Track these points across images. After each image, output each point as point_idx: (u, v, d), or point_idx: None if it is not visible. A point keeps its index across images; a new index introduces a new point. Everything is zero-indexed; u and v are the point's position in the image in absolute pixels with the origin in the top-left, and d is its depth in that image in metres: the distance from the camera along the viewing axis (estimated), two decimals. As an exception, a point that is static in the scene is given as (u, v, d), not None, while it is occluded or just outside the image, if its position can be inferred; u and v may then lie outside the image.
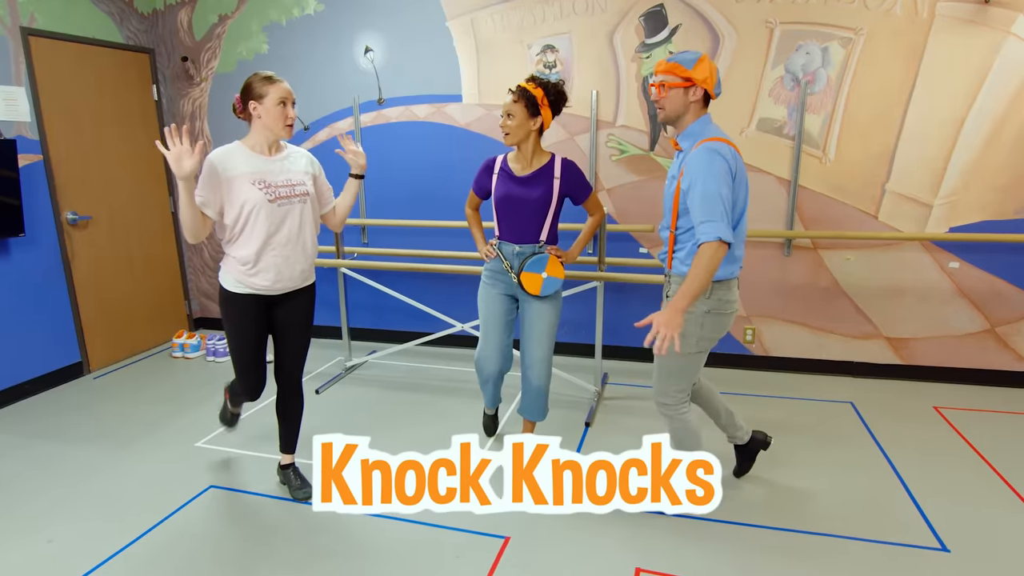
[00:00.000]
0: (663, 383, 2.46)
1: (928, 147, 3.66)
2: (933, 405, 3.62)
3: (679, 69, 2.21)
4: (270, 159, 2.50)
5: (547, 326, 2.80)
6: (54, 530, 2.60)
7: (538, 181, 2.70)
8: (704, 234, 2.11)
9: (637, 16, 3.90)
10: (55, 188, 4.07)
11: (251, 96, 2.43)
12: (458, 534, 2.53)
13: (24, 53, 3.86)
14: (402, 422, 3.53)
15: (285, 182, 2.50)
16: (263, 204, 2.43)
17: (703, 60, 2.21)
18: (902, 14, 3.55)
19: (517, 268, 2.74)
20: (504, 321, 2.87)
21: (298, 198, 2.53)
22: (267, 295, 2.56)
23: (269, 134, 2.48)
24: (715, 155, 2.14)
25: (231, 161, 2.42)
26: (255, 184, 2.42)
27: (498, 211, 2.78)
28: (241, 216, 2.42)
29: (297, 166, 2.58)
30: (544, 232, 2.74)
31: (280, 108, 2.45)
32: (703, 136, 2.23)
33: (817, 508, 2.66)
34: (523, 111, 2.62)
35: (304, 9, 4.43)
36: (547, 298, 2.79)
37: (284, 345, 2.70)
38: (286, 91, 2.47)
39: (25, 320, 3.93)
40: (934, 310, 3.85)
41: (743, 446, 2.80)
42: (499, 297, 2.86)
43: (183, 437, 3.38)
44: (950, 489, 2.79)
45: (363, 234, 4.69)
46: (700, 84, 2.21)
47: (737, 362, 4.23)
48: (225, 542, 2.51)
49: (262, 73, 2.47)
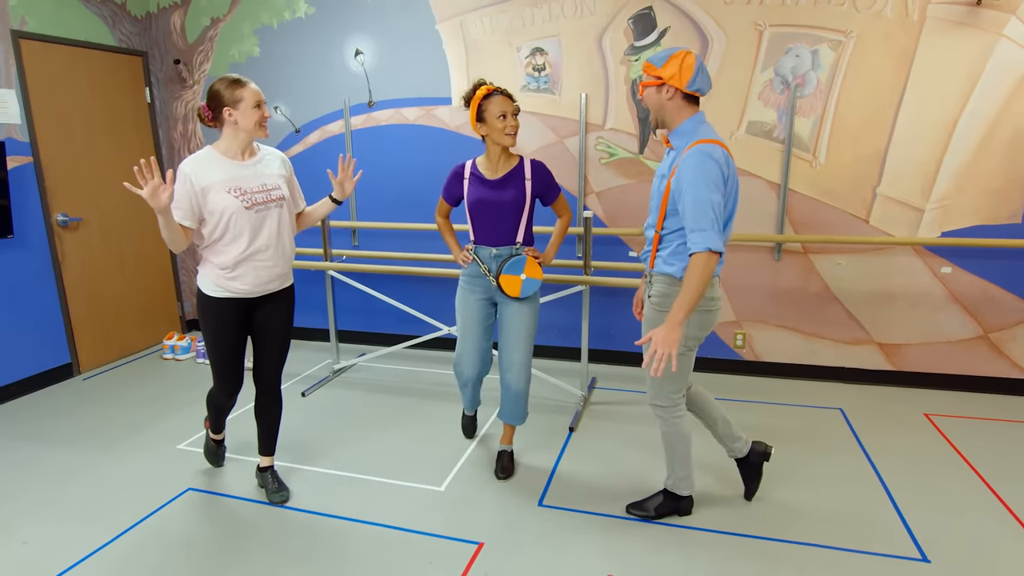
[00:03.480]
0: (657, 387, 2.43)
1: (920, 150, 3.62)
2: (924, 412, 3.57)
3: (650, 68, 2.21)
4: (243, 164, 2.48)
5: (526, 329, 2.79)
6: (30, 532, 2.60)
7: (510, 184, 2.68)
8: (695, 244, 2.09)
9: (626, 19, 3.87)
10: (45, 190, 4.08)
11: (223, 103, 2.39)
12: (431, 539, 2.51)
13: (15, 56, 3.88)
14: (387, 425, 3.51)
15: (260, 187, 2.48)
16: (240, 212, 2.41)
17: (674, 57, 2.17)
18: (892, 16, 3.51)
19: (495, 271, 2.72)
20: (482, 326, 2.86)
21: (275, 203, 2.51)
22: (246, 298, 2.55)
23: (245, 136, 2.46)
24: (708, 159, 2.10)
25: (204, 170, 2.40)
26: (230, 192, 2.40)
27: (472, 216, 2.76)
28: (219, 225, 2.41)
29: (271, 169, 2.55)
30: (520, 233, 2.73)
31: (256, 110, 2.43)
32: (696, 136, 2.19)
33: (798, 517, 2.62)
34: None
35: (295, 12, 4.44)
36: (525, 301, 2.77)
37: (263, 349, 2.68)
38: (258, 92, 2.45)
39: (14, 321, 3.95)
40: (926, 315, 3.80)
41: (744, 459, 2.71)
42: (477, 302, 2.84)
43: (166, 439, 3.37)
44: (935, 498, 2.74)
45: (353, 237, 4.69)
46: (668, 81, 2.18)
47: (727, 367, 4.19)
48: (198, 545, 2.50)
49: (228, 77, 2.41)
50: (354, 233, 4.69)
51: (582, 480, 2.93)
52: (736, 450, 2.68)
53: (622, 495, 2.78)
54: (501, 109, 2.60)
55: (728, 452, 2.70)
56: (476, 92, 2.65)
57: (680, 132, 2.24)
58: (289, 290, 2.69)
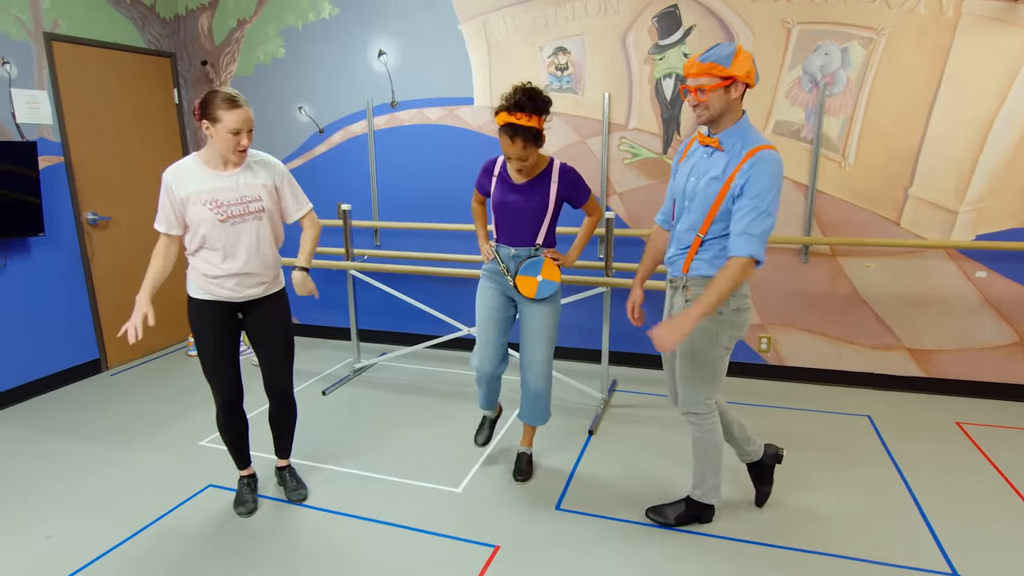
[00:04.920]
0: (695, 393, 2.37)
1: (954, 150, 3.51)
2: (955, 420, 3.46)
3: (716, 68, 2.02)
4: (224, 175, 2.39)
5: (545, 329, 2.75)
6: (54, 526, 2.64)
7: (535, 189, 2.63)
8: (741, 248, 2.04)
9: (650, 17, 3.82)
10: (76, 189, 4.16)
11: (207, 115, 2.29)
12: (447, 541, 2.50)
13: (47, 58, 3.96)
14: (406, 425, 3.51)
15: (239, 199, 2.39)
16: (214, 224, 2.36)
17: (740, 52, 2.03)
18: (926, 13, 3.41)
19: (512, 271, 2.70)
20: (500, 318, 2.82)
21: (252, 215, 2.41)
22: (232, 302, 2.51)
23: (223, 155, 2.38)
24: (780, 172, 2.06)
25: (184, 180, 2.36)
26: (205, 204, 2.35)
27: (496, 216, 2.74)
28: (197, 235, 2.39)
29: (254, 179, 2.44)
30: (541, 236, 2.70)
31: (231, 137, 2.29)
32: (750, 138, 2.09)
33: (822, 526, 2.55)
34: (533, 144, 2.47)
35: (319, 13, 4.47)
36: (545, 300, 2.73)
37: (261, 353, 2.64)
38: (243, 121, 2.29)
39: (45, 317, 4.03)
40: (959, 321, 3.69)
41: (757, 463, 2.65)
42: (497, 296, 2.81)
43: (188, 436, 3.41)
44: (967, 510, 2.65)
45: (375, 236, 4.70)
46: (742, 80, 2.04)
47: (752, 371, 4.12)
48: (216, 542, 2.52)
49: (225, 93, 2.28)
50: (376, 233, 4.70)
51: (601, 484, 2.89)
52: (751, 453, 2.62)
53: (641, 500, 2.73)
54: (505, 151, 2.50)
55: (741, 456, 2.65)
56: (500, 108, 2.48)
57: (734, 133, 2.11)
58: (277, 296, 2.61)
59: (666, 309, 2.45)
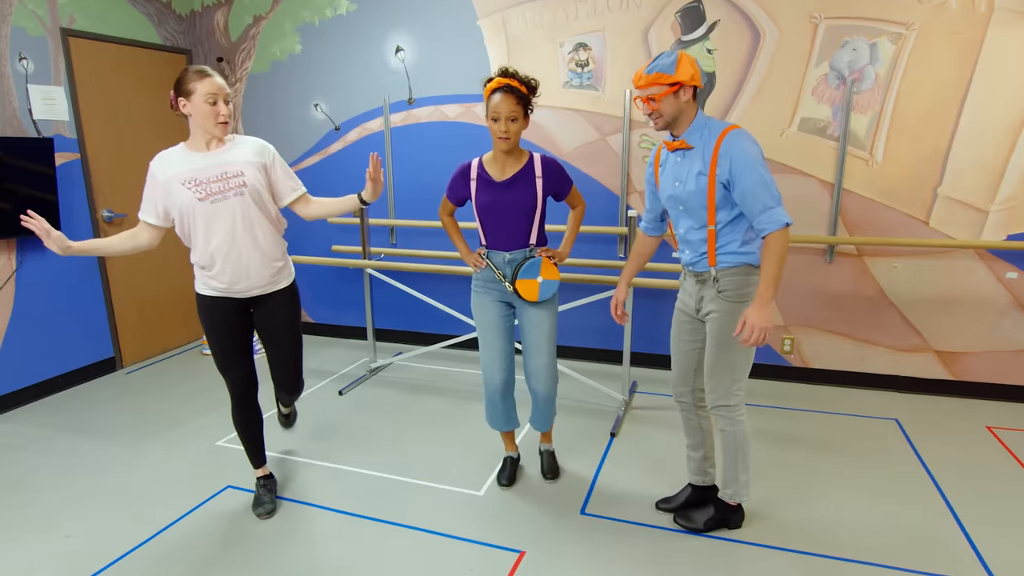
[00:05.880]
0: (728, 384, 2.33)
1: (984, 149, 3.43)
2: (985, 425, 3.38)
3: (663, 77, 2.13)
4: (206, 154, 2.32)
5: (547, 331, 2.65)
6: (72, 524, 2.61)
7: (520, 185, 2.51)
8: (770, 223, 2.09)
9: (673, 12, 3.76)
10: (91, 186, 4.14)
11: (181, 92, 2.24)
12: (471, 545, 2.45)
13: (63, 53, 3.94)
14: (424, 426, 3.46)
15: (219, 176, 2.30)
16: (194, 204, 2.29)
17: (682, 58, 2.13)
18: (957, 8, 3.33)
19: (511, 277, 2.58)
20: (503, 327, 2.69)
21: (233, 191, 2.30)
22: (237, 297, 2.46)
23: (205, 133, 2.30)
24: (750, 140, 2.13)
25: (167, 164, 2.32)
26: (185, 184, 2.28)
27: (482, 219, 2.60)
28: (183, 221, 2.34)
29: (238, 156, 2.34)
30: (533, 235, 2.58)
31: (209, 106, 2.24)
32: (713, 126, 2.19)
33: (855, 533, 2.49)
34: (522, 112, 2.40)
35: (336, 9, 4.42)
36: (544, 302, 2.64)
37: (269, 353, 2.61)
38: (216, 86, 2.25)
39: (60, 315, 4.01)
40: (989, 323, 3.61)
41: (710, 487, 2.59)
42: (494, 304, 2.68)
43: (205, 435, 3.38)
44: (1005, 517, 2.58)
45: (391, 235, 4.66)
46: (689, 83, 2.14)
47: (774, 373, 4.05)
48: (237, 544, 2.48)
49: (194, 67, 2.28)
50: (392, 231, 4.66)
51: (625, 488, 2.83)
52: (713, 475, 2.60)
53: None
54: (495, 110, 2.38)
55: (695, 475, 2.61)
56: (489, 82, 2.42)
57: (696, 128, 2.22)
58: (284, 292, 2.54)
59: (689, 303, 2.41)
